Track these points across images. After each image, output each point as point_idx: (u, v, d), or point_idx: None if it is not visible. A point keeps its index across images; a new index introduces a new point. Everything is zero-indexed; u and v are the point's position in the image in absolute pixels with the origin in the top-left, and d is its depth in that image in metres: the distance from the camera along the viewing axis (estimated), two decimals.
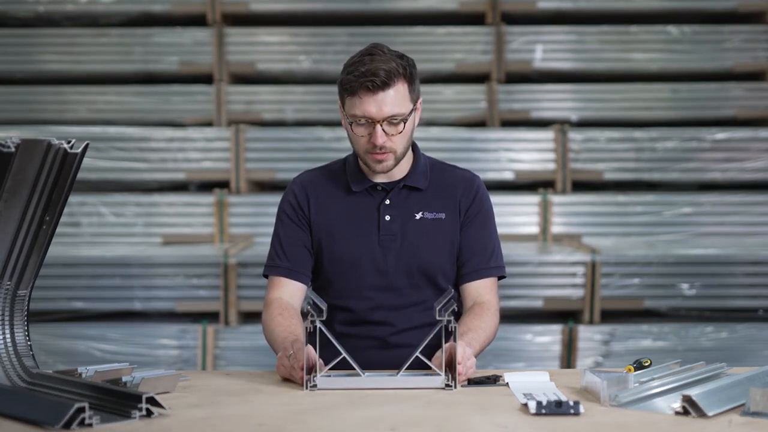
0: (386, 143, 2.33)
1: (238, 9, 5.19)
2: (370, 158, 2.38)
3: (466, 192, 2.50)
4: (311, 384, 2.05)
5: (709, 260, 4.38)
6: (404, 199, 2.46)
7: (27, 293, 2.00)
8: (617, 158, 4.89)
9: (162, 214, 4.83)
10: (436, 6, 5.18)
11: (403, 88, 2.34)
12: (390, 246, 2.43)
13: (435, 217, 2.46)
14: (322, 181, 2.51)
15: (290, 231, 2.49)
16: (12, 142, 1.79)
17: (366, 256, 2.43)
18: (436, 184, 2.49)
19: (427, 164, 2.52)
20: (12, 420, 1.78)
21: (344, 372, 2.11)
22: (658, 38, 5.15)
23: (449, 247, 2.46)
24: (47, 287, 4.31)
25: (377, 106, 2.31)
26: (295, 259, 2.46)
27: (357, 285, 2.44)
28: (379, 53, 2.33)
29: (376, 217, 2.45)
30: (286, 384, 2.14)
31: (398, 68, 2.32)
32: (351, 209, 2.46)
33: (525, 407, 1.89)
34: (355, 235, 2.44)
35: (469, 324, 2.36)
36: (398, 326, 2.43)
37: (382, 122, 2.32)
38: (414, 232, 2.44)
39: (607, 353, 4.35)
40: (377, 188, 2.47)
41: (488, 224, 2.52)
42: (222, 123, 5.09)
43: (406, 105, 2.35)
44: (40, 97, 5.20)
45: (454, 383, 2.05)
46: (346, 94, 2.34)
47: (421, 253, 2.43)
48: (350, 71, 2.32)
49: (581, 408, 1.83)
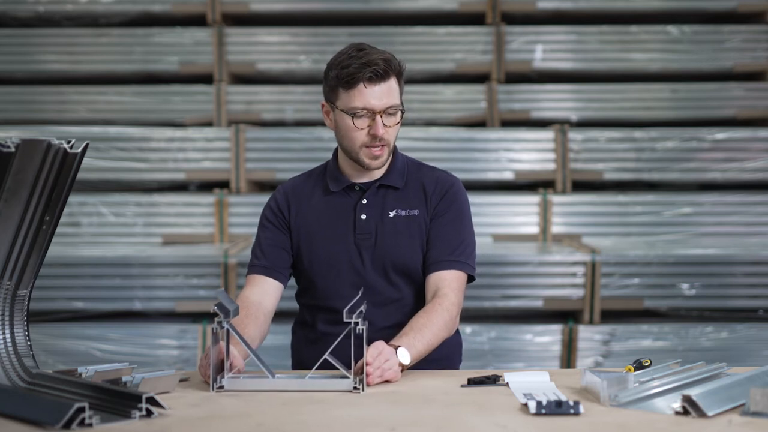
0: (384, 135, 2.36)
1: (238, 9, 5.19)
2: (366, 153, 2.39)
3: (438, 188, 2.49)
4: (218, 385, 2.06)
5: (709, 260, 4.38)
6: (380, 198, 2.48)
7: (27, 293, 2.00)
8: (617, 158, 4.89)
9: (162, 214, 4.83)
10: (436, 6, 5.18)
11: (395, 80, 2.39)
12: (365, 245, 2.45)
13: (409, 213, 2.47)
14: (303, 186, 2.55)
15: (269, 233, 2.52)
16: (12, 142, 1.79)
17: (343, 255, 2.45)
18: (412, 183, 2.51)
19: (405, 163, 2.54)
20: (12, 420, 1.78)
21: (253, 374, 2.12)
22: (658, 38, 5.15)
23: (422, 244, 2.46)
24: (47, 287, 4.31)
25: (378, 97, 2.34)
26: (272, 258, 2.49)
27: (336, 285, 2.46)
28: (369, 47, 2.39)
29: (353, 216, 2.47)
30: None
31: (393, 61, 2.38)
32: (329, 210, 2.49)
33: (525, 407, 1.89)
34: (332, 235, 2.46)
35: (413, 323, 2.32)
36: (377, 324, 2.42)
37: (381, 113, 2.35)
38: (388, 229, 2.45)
39: (607, 353, 4.35)
40: (354, 188, 2.49)
41: (459, 221, 2.49)
42: (222, 123, 5.09)
43: (398, 97, 2.40)
44: (40, 97, 5.20)
45: (362, 386, 2.04)
46: (343, 89, 2.35)
47: (394, 250, 2.44)
48: (345, 65, 2.34)
49: (581, 408, 1.83)
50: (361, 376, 2.06)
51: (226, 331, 2.07)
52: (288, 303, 2.74)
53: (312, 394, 2.03)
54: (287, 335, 4.33)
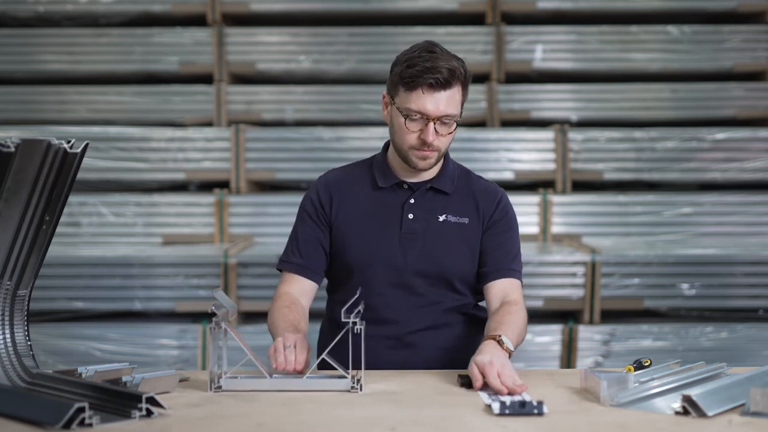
0: (434, 141, 2.33)
1: (238, 9, 5.19)
2: (414, 154, 2.36)
3: (489, 200, 2.48)
4: (215, 385, 2.06)
5: (709, 260, 4.38)
6: (429, 200, 2.45)
7: (27, 293, 2.00)
8: (617, 158, 4.89)
9: (162, 214, 4.83)
10: (436, 6, 5.18)
11: (458, 90, 2.34)
12: (410, 245, 2.41)
13: (458, 221, 2.45)
14: (346, 179, 2.50)
15: (308, 229, 2.47)
16: (12, 142, 1.79)
17: (384, 252, 2.41)
18: (462, 190, 2.48)
19: (455, 169, 2.52)
20: (12, 420, 1.78)
21: (251, 374, 2.12)
22: (658, 38, 5.15)
23: (470, 252, 2.44)
24: (47, 287, 4.31)
25: (435, 104, 2.30)
26: (309, 257, 2.45)
27: (373, 282, 2.42)
28: (439, 51, 2.34)
29: (399, 214, 2.43)
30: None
31: (459, 70, 2.33)
32: (375, 205, 2.45)
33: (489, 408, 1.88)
34: (377, 231, 2.43)
35: (499, 319, 2.30)
36: (411, 326, 2.42)
37: (435, 120, 2.31)
38: (436, 233, 2.43)
39: (607, 353, 4.35)
40: (403, 186, 2.46)
41: (511, 231, 2.50)
42: (222, 123, 5.09)
43: (458, 107, 2.35)
44: (40, 97, 5.20)
45: (359, 386, 2.04)
46: (404, 88, 2.32)
47: (441, 254, 2.42)
48: (410, 65, 2.30)
49: (545, 408, 1.83)
50: (359, 376, 2.06)
51: (224, 330, 2.08)
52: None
53: (312, 394, 2.03)
54: None
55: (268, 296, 4.37)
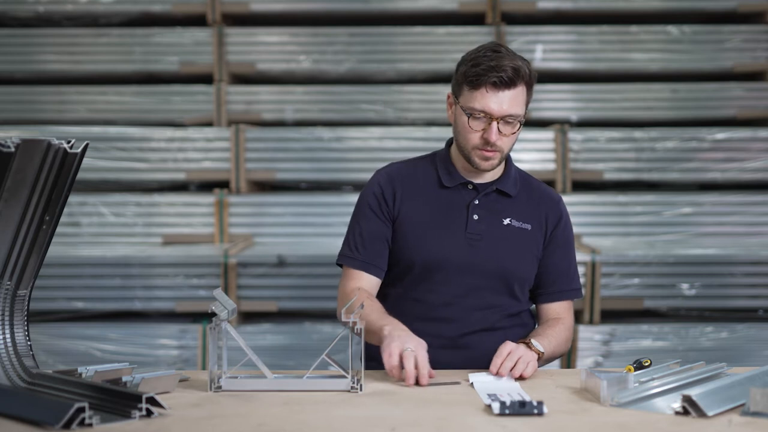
0: (497, 141, 2.32)
1: (238, 9, 5.19)
2: (477, 154, 2.36)
3: (553, 211, 2.49)
4: (215, 385, 2.06)
5: (709, 260, 4.38)
6: (493, 202, 2.45)
7: (27, 293, 2.00)
8: (617, 158, 4.89)
9: (162, 214, 4.83)
10: (436, 6, 5.17)
11: (523, 90, 2.34)
12: (475, 245, 2.41)
13: (521, 226, 2.45)
14: (409, 174, 2.49)
15: (372, 223, 2.46)
16: (12, 142, 1.79)
17: (449, 251, 2.41)
18: (525, 195, 2.49)
19: (516, 172, 2.52)
20: (12, 420, 1.78)
21: (251, 373, 2.12)
22: (658, 38, 5.14)
23: (531, 258, 2.46)
24: (47, 287, 4.31)
25: (498, 103, 2.30)
26: (373, 252, 2.44)
27: (435, 279, 2.42)
28: (504, 50, 2.33)
29: (464, 214, 2.43)
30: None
31: (523, 69, 2.32)
32: (439, 203, 2.45)
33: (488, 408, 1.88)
34: (441, 229, 2.42)
35: (540, 330, 2.39)
36: (469, 327, 2.42)
37: (499, 120, 2.31)
38: (500, 236, 2.43)
39: (607, 353, 4.35)
40: (468, 186, 2.46)
41: (571, 247, 2.53)
42: (222, 123, 5.09)
43: (522, 107, 2.35)
44: (40, 97, 5.20)
45: (359, 386, 2.04)
46: (468, 87, 2.33)
47: (504, 258, 2.42)
48: (475, 63, 2.31)
49: (545, 408, 1.83)
50: (359, 376, 2.06)
51: (224, 330, 2.08)
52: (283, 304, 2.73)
53: (312, 394, 2.03)
54: (287, 335, 4.35)
55: (268, 296, 4.40)
